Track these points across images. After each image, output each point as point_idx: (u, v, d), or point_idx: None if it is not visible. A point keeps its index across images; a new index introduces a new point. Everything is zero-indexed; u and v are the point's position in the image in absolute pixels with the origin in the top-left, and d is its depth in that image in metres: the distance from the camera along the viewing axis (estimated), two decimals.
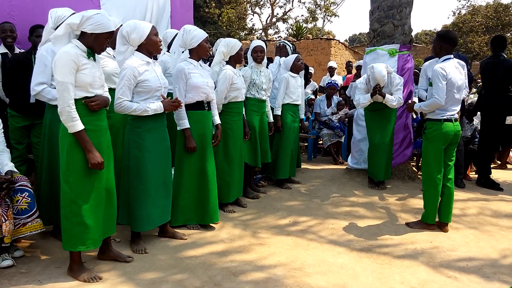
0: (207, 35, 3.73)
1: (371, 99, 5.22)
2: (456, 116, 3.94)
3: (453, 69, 3.87)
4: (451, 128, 3.86)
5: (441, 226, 4.01)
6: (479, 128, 6.46)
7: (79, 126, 2.63)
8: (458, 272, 3.10)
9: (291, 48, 6.08)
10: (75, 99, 2.64)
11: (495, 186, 5.61)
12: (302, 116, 5.91)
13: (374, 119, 5.46)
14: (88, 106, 2.70)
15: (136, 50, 3.22)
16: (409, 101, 4.36)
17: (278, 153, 5.40)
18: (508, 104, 5.55)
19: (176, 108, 3.35)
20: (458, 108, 3.96)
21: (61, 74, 2.57)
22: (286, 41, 6.19)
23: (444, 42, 3.91)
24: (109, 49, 3.55)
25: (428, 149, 3.93)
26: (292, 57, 5.44)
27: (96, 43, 2.71)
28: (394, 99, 5.17)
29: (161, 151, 3.37)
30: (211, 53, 4.07)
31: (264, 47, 4.81)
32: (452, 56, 3.94)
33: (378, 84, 5.11)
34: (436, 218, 4.02)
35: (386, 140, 5.41)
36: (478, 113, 6.41)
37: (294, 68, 5.39)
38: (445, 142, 3.89)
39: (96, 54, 2.80)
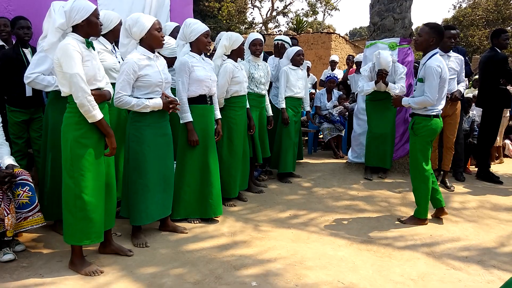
0: (207, 29, 3.71)
1: (375, 87, 5.26)
2: (441, 111, 3.92)
3: (444, 64, 3.79)
4: (439, 124, 3.86)
5: (439, 212, 4.06)
6: (478, 121, 6.49)
7: (100, 114, 2.68)
8: (457, 264, 3.11)
9: (290, 45, 6.00)
10: None
11: (495, 179, 5.61)
12: (308, 109, 5.91)
13: (375, 109, 5.51)
14: None
15: (139, 44, 3.22)
16: (394, 95, 4.28)
17: (280, 147, 5.43)
18: (500, 97, 5.55)
19: (170, 110, 3.30)
20: (444, 102, 3.93)
21: (71, 66, 2.55)
22: (284, 38, 6.08)
23: (437, 35, 3.76)
24: (107, 43, 3.54)
25: (417, 145, 3.85)
26: (294, 50, 5.42)
27: (91, 27, 2.71)
28: (396, 87, 5.25)
29: (161, 146, 3.36)
30: (210, 48, 4.04)
31: (263, 40, 4.80)
32: (438, 49, 3.87)
33: (384, 69, 5.11)
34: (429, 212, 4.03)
35: (388, 130, 5.48)
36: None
37: (294, 62, 5.39)
38: (433, 137, 3.88)
39: (94, 45, 2.80)
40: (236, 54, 4.34)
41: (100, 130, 2.76)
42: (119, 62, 3.60)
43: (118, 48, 3.80)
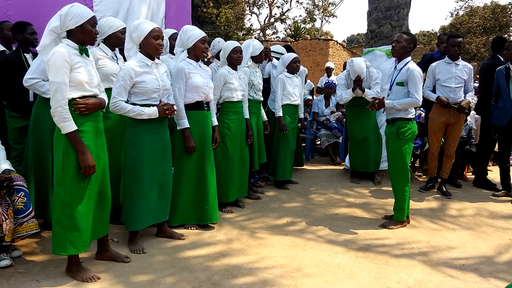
0: (204, 34, 3.72)
1: (352, 94, 5.40)
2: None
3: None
4: (416, 126, 4.04)
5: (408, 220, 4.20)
6: (474, 128, 6.51)
7: (71, 126, 2.59)
8: (454, 272, 3.12)
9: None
10: (73, 99, 2.62)
11: (492, 187, 5.62)
12: (301, 116, 5.91)
13: (354, 115, 5.68)
14: (75, 109, 2.63)
15: (139, 50, 3.24)
16: (373, 98, 4.33)
17: (277, 154, 5.42)
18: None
19: (168, 115, 3.31)
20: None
21: (54, 74, 2.53)
22: (277, 51, 6.14)
23: (413, 44, 4.00)
24: (107, 50, 3.56)
25: (403, 149, 3.96)
26: (290, 57, 5.37)
27: (85, 34, 2.69)
28: (372, 93, 5.37)
29: (159, 152, 3.36)
30: (208, 54, 4.08)
31: None
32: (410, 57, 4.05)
33: (359, 75, 5.26)
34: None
35: (368, 134, 5.63)
36: (472, 113, 6.43)
37: (290, 69, 5.37)
38: (413, 139, 4.05)
39: (88, 51, 2.80)
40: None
41: (94, 137, 2.76)
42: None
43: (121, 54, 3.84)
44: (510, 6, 23.21)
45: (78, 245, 2.73)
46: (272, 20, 27.93)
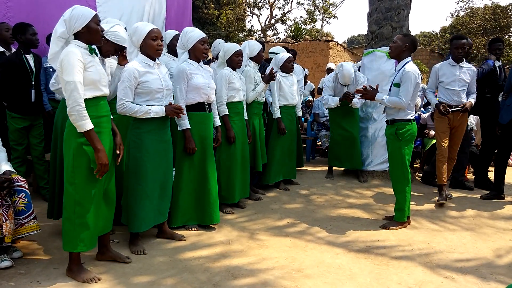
0: (204, 36, 3.73)
1: (338, 103, 5.63)
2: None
3: (419, 72, 3.99)
4: (416, 127, 4.05)
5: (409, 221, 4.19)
6: (475, 129, 6.50)
7: (89, 125, 2.62)
8: (455, 273, 3.12)
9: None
10: (85, 99, 2.63)
11: (493, 188, 5.59)
12: (300, 114, 5.80)
13: (337, 115, 5.87)
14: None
15: (140, 52, 3.26)
16: (365, 87, 4.23)
17: (273, 156, 5.32)
18: (491, 106, 5.53)
19: (176, 115, 3.33)
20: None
21: (69, 74, 2.54)
22: (274, 52, 6.10)
23: (411, 43, 3.96)
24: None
25: (402, 149, 3.97)
26: (283, 57, 5.31)
27: (92, 33, 2.70)
28: (358, 102, 5.65)
29: (161, 153, 3.37)
30: (209, 55, 4.07)
31: None
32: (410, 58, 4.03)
33: (350, 92, 5.53)
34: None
35: (353, 133, 5.82)
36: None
37: (285, 69, 5.31)
38: (413, 140, 4.06)
39: (96, 51, 2.82)
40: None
41: (108, 137, 2.80)
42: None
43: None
44: (510, 7, 23.19)
45: (87, 242, 2.78)
46: (272, 21, 27.96)
